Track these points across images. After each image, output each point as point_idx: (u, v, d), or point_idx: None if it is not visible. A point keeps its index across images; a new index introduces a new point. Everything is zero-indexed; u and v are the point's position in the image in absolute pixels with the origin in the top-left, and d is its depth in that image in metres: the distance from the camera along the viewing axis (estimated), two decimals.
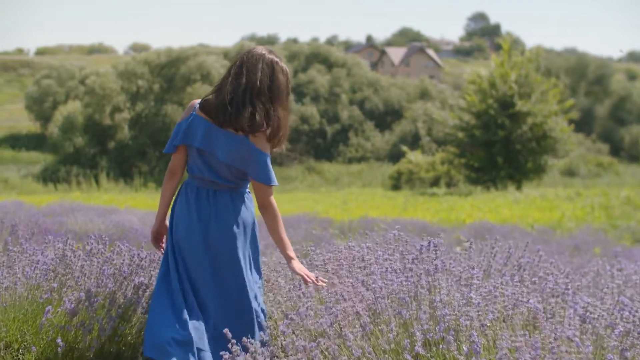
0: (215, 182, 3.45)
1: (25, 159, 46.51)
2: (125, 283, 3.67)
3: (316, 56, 54.25)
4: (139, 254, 3.82)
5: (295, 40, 68.46)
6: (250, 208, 3.56)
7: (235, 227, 3.44)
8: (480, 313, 2.54)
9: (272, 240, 3.63)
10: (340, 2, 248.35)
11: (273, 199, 3.46)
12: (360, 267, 3.42)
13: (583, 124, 47.53)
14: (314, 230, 10.34)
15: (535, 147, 30.13)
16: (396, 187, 34.60)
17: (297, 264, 3.45)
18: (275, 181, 3.43)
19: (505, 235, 10.53)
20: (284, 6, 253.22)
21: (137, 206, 17.67)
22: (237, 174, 3.46)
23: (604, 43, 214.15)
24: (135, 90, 45.91)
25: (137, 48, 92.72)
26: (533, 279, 3.07)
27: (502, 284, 2.73)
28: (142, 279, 3.73)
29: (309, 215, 13.88)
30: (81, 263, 3.57)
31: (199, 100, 3.49)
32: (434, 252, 2.90)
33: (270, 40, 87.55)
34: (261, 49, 3.47)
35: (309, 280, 3.36)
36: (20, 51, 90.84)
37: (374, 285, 2.84)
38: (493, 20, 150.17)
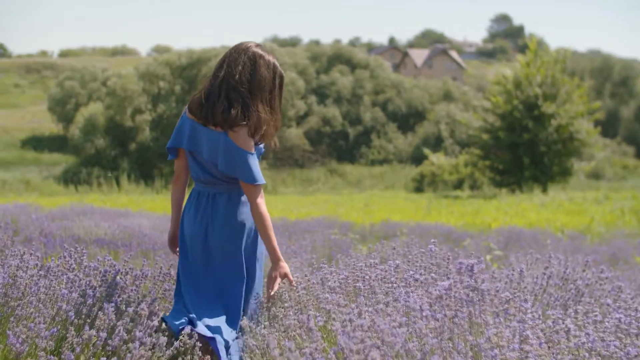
0: (212, 182, 3.29)
1: (48, 160, 46.58)
2: (96, 309, 3.02)
3: (338, 57, 53.80)
4: (119, 271, 3.29)
5: (317, 42, 68.16)
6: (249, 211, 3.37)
7: (232, 229, 3.27)
8: None
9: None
10: (363, 4, 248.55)
11: (261, 198, 3.20)
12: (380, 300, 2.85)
13: (608, 126, 46.87)
14: (333, 235, 9.85)
15: (561, 149, 29.38)
16: (419, 189, 34.13)
17: (283, 269, 3.27)
18: (260, 179, 3.16)
19: (537, 242, 10.00)
20: (307, 8, 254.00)
21: (154, 209, 17.25)
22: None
23: (628, 44, 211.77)
24: (156, 91, 45.83)
25: (159, 50, 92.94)
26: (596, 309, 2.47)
27: (562, 318, 2.16)
28: (117, 299, 3.12)
29: (328, 219, 13.41)
30: (40, 284, 2.93)
31: None
32: (474, 279, 2.27)
33: (292, 42, 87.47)
34: (248, 43, 3.27)
35: (274, 287, 3.24)
36: (43, 53, 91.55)
37: (399, 320, 2.25)
38: (516, 21, 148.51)
